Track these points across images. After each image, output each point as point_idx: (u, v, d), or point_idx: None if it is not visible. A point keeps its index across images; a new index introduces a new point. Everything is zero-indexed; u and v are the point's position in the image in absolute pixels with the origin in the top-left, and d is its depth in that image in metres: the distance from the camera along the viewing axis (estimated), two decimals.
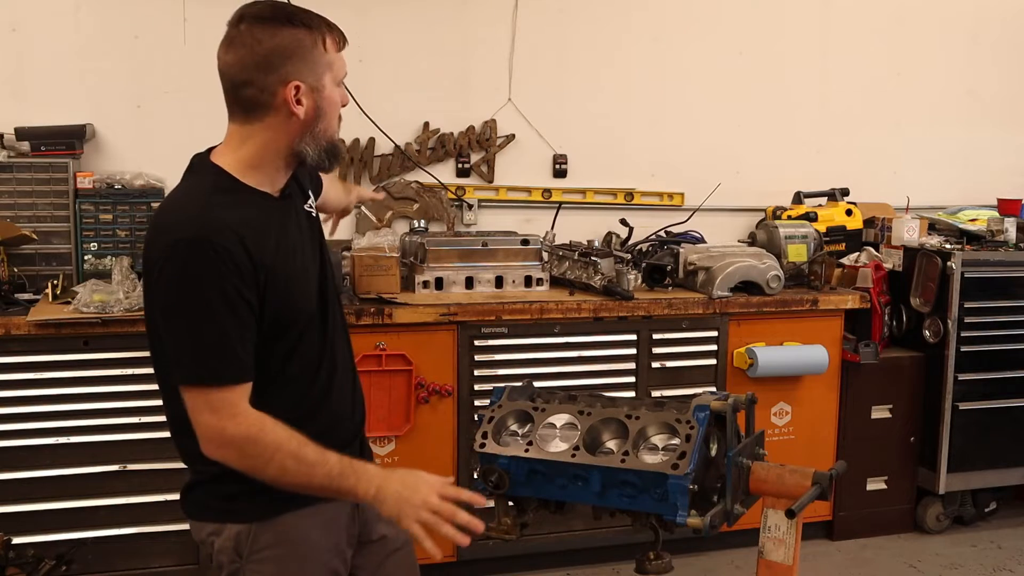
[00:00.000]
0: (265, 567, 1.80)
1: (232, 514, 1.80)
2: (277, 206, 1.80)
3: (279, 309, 1.73)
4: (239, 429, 1.64)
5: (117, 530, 3.14)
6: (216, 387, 1.64)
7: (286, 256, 1.76)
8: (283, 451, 1.65)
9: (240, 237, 1.66)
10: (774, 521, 1.76)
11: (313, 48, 1.76)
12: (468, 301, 3.40)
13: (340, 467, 1.67)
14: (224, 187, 1.75)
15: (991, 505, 4.16)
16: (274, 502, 1.77)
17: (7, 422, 3.04)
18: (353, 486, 1.68)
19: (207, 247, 1.63)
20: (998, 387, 3.95)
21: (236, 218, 1.68)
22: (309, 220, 1.91)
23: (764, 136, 4.47)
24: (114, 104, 3.69)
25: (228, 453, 1.66)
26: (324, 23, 1.78)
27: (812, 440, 3.84)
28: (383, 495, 1.68)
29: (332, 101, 1.78)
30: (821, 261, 3.89)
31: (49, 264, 3.41)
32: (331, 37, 1.78)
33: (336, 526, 1.86)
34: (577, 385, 3.36)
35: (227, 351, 1.65)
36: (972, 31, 4.76)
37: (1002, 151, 4.86)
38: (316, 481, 1.67)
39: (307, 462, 1.65)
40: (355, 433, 1.96)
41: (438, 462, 3.41)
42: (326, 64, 1.77)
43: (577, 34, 4.20)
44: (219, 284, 1.63)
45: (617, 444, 1.81)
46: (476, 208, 4.11)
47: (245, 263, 1.66)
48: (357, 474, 1.68)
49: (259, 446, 1.64)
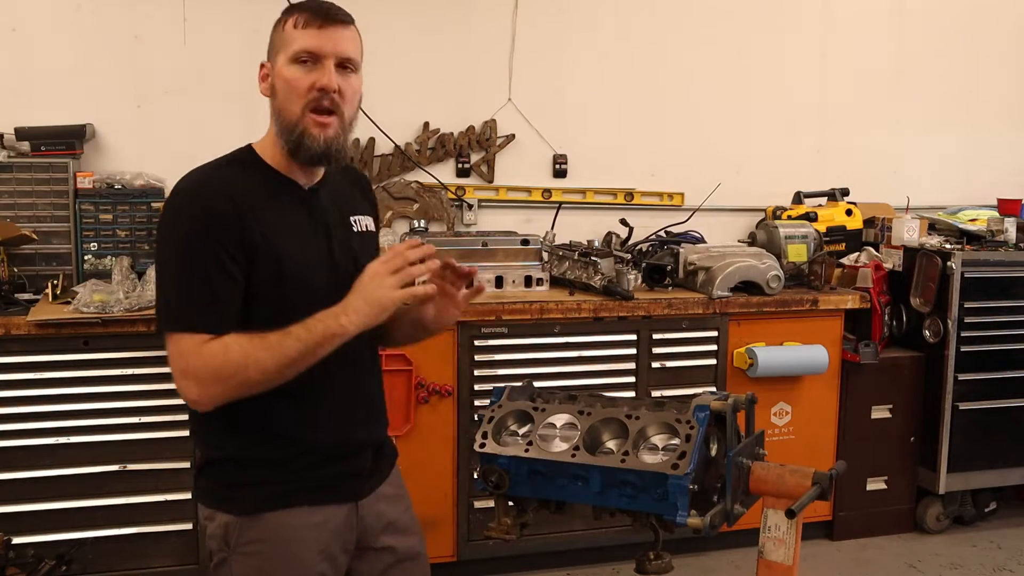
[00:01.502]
0: (251, 561, 1.80)
1: (225, 503, 1.81)
2: (291, 189, 1.81)
3: (265, 284, 1.73)
4: (205, 362, 1.66)
5: (117, 530, 3.14)
6: (186, 332, 1.68)
7: (285, 236, 1.76)
8: (251, 352, 1.66)
9: (233, 201, 1.70)
10: (774, 521, 1.76)
11: (278, 28, 1.80)
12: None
13: (304, 329, 1.68)
14: (240, 159, 1.82)
15: (991, 505, 4.16)
16: (261, 499, 1.78)
17: (7, 422, 3.04)
18: (325, 330, 1.68)
19: (198, 205, 1.70)
20: (998, 387, 3.95)
21: (237, 185, 1.74)
22: (343, 225, 1.88)
23: (764, 136, 4.47)
24: (114, 104, 3.69)
25: (206, 388, 1.68)
26: (303, 6, 1.77)
27: (812, 440, 3.84)
28: (352, 311, 1.69)
29: (283, 79, 1.75)
30: (821, 261, 3.88)
31: (49, 264, 3.41)
32: (300, 15, 1.75)
33: (325, 530, 1.82)
34: (577, 385, 3.36)
35: (205, 302, 1.68)
36: (972, 31, 4.76)
37: (1002, 151, 4.86)
38: (294, 352, 1.67)
39: (275, 346, 1.66)
40: (359, 442, 1.89)
41: (438, 462, 3.41)
42: (281, 42, 1.77)
43: (577, 34, 4.20)
44: (204, 240, 1.68)
45: (617, 444, 1.80)
46: (476, 208, 4.11)
47: (233, 226, 1.69)
48: (320, 321, 1.68)
49: (229, 365, 1.66)
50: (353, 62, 1.78)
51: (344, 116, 1.78)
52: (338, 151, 1.79)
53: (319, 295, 1.77)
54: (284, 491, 1.79)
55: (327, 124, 1.75)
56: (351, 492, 1.87)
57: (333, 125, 1.76)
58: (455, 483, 3.46)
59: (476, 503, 3.47)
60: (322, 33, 1.74)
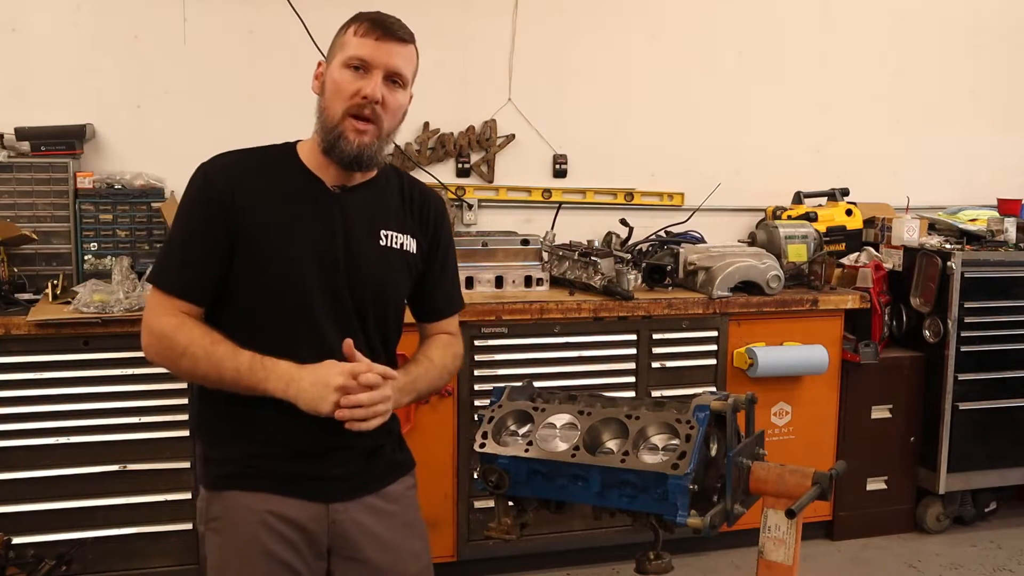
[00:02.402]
0: (215, 537, 1.84)
1: (201, 476, 1.90)
2: (314, 187, 1.85)
3: (247, 270, 1.80)
4: (159, 323, 1.78)
5: (117, 530, 3.14)
6: (156, 288, 1.81)
7: (285, 230, 1.80)
8: (195, 345, 1.75)
9: (232, 183, 1.80)
10: (774, 521, 1.76)
11: (341, 32, 1.86)
12: (468, 301, 3.37)
13: (251, 363, 1.74)
14: (275, 150, 1.90)
15: (991, 505, 4.16)
16: (224, 477, 1.83)
17: (7, 422, 3.04)
18: (263, 379, 1.73)
19: (201, 176, 1.83)
20: (998, 387, 3.95)
21: (248, 167, 1.84)
22: (367, 235, 1.87)
23: (764, 136, 4.47)
24: (114, 104, 3.69)
25: (150, 341, 1.80)
26: (369, 17, 1.84)
27: (812, 440, 3.84)
28: (295, 389, 1.72)
29: (333, 80, 1.81)
30: (821, 261, 3.89)
31: (49, 264, 3.41)
32: (361, 24, 1.81)
33: (289, 521, 1.80)
34: (577, 385, 3.36)
35: (172, 262, 1.82)
36: (972, 31, 4.76)
37: (1002, 151, 4.86)
38: (227, 375, 1.74)
39: (216, 356, 1.74)
40: (337, 445, 1.84)
41: (438, 462, 3.41)
42: (340, 46, 1.83)
43: (577, 34, 4.20)
44: (192, 205, 1.81)
45: (617, 444, 1.80)
46: (476, 208, 4.11)
47: (224, 205, 1.78)
48: (267, 370, 1.73)
49: (172, 340, 1.76)
50: (402, 78, 1.84)
51: (383, 127, 1.83)
52: (370, 158, 1.83)
53: (309, 294, 1.80)
54: (245, 473, 1.82)
55: (364, 131, 1.80)
56: (320, 492, 1.84)
57: (370, 133, 1.81)
58: (455, 483, 3.46)
59: (476, 503, 3.47)
60: (378, 45, 1.80)
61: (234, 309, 1.83)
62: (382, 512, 1.91)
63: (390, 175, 1.97)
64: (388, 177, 1.96)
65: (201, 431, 1.92)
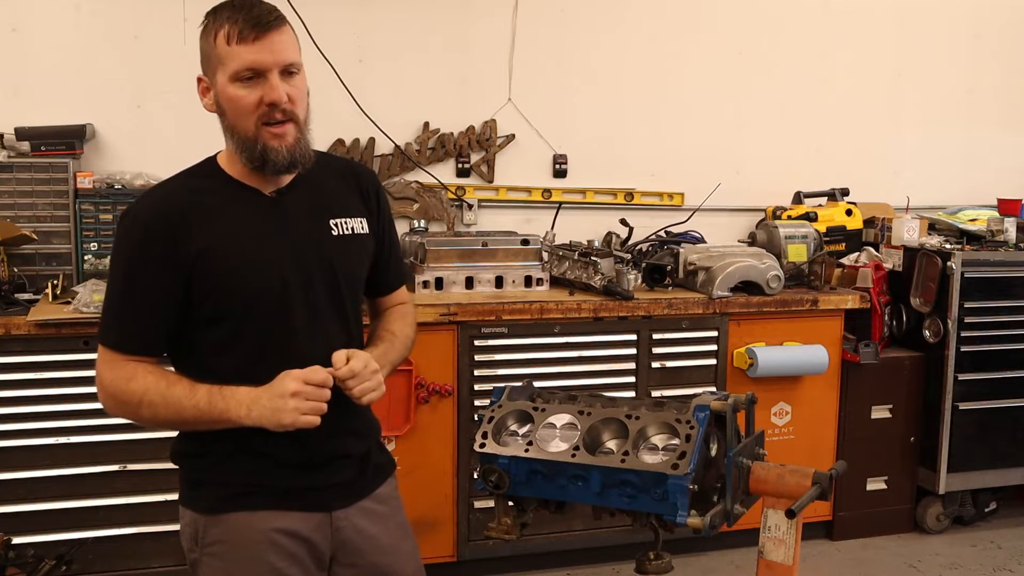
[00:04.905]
0: (215, 561, 1.79)
1: (191, 501, 1.83)
2: (252, 198, 1.79)
3: (210, 298, 1.73)
4: (110, 379, 1.73)
5: (117, 530, 3.14)
6: (104, 346, 1.75)
7: (238, 248, 1.74)
8: (151, 392, 1.70)
9: (167, 219, 1.71)
10: (774, 521, 1.76)
11: (208, 40, 1.72)
12: (468, 301, 3.40)
13: (208, 397, 1.70)
14: (201, 171, 1.83)
15: (991, 505, 4.16)
16: (224, 500, 1.78)
17: (7, 422, 3.04)
18: (224, 410, 1.69)
19: (131, 220, 1.75)
20: (998, 387, 3.95)
21: (180, 198, 1.75)
22: (317, 231, 1.83)
23: (764, 136, 4.47)
24: (114, 104, 3.69)
25: (104, 399, 1.75)
26: (229, 14, 1.68)
27: (812, 440, 3.84)
28: (257, 411, 1.68)
29: (229, 98, 1.71)
30: (821, 261, 3.89)
31: (49, 264, 3.41)
32: (228, 28, 1.67)
33: (292, 535, 1.79)
34: (577, 385, 3.36)
35: (116, 317, 1.75)
36: (973, 31, 4.76)
37: (1002, 151, 4.86)
38: (188, 415, 1.71)
39: (174, 399, 1.70)
40: (336, 454, 1.84)
41: (438, 462, 3.41)
42: (217, 59, 1.71)
43: (577, 34, 4.20)
44: (130, 255, 1.73)
45: (617, 444, 1.80)
46: (476, 208, 4.11)
47: (165, 244, 1.70)
48: (226, 399, 1.70)
49: (126, 393, 1.72)
50: (295, 65, 1.73)
51: (299, 119, 1.75)
52: (303, 155, 1.77)
53: (272, 307, 1.76)
54: (247, 492, 1.78)
55: (284, 134, 1.73)
56: (322, 502, 1.83)
57: (290, 132, 1.74)
58: (455, 483, 3.46)
59: (476, 503, 3.47)
60: (259, 45, 1.67)
61: (209, 338, 1.76)
62: (377, 515, 1.91)
63: (318, 161, 1.86)
64: (318, 164, 1.85)
65: (187, 455, 1.84)
